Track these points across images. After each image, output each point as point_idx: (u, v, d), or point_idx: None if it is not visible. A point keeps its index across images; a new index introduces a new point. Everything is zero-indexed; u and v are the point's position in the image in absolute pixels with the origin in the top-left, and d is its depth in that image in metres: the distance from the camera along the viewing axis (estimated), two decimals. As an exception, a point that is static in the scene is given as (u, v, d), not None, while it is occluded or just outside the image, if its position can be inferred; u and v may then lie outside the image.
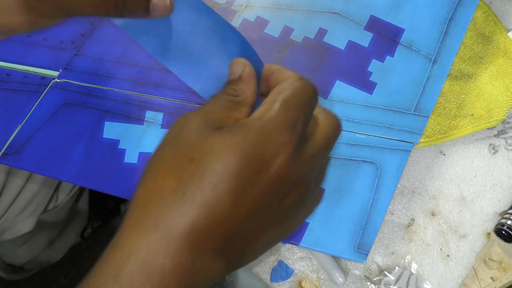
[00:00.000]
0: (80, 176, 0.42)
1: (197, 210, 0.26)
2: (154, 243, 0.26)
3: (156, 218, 0.26)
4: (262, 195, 0.27)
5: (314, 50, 0.47)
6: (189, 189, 0.26)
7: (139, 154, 0.43)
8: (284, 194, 0.28)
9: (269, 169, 0.27)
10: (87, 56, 0.47)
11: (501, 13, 0.50)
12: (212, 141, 0.27)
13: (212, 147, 0.27)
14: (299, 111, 0.29)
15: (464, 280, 0.45)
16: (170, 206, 0.26)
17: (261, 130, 0.28)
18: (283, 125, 0.28)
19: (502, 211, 0.46)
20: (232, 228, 0.27)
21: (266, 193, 0.27)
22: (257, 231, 0.28)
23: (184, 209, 0.26)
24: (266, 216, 0.28)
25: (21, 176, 0.62)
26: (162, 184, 0.27)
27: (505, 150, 0.47)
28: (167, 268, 0.25)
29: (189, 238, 0.26)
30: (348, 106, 0.45)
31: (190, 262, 0.26)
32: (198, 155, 0.27)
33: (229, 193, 0.26)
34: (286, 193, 0.28)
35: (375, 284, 0.45)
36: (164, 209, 0.26)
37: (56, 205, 0.70)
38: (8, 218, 0.63)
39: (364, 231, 0.41)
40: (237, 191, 0.26)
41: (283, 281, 0.46)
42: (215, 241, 0.26)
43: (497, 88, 0.47)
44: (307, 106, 0.30)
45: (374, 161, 0.43)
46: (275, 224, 0.29)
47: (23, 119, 0.44)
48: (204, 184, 0.26)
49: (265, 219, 0.28)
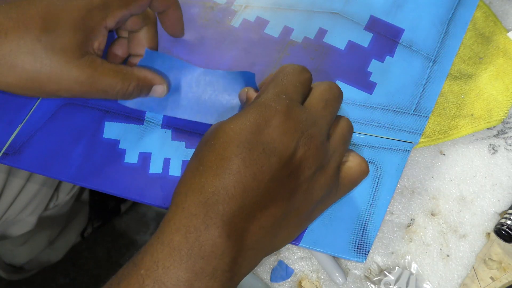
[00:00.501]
0: (80, 176, 0.42)
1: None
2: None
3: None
4: (267, 159, 0.31)
5: (314, 50, 0.47)
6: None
7: (139, 154, 0.43)
8: (293, 150, 0.32)
9: (266, 130, 0.32)
10: None
11: (501, 13, 0.50)
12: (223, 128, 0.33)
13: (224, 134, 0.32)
14: (285, 84, 0.35)
15: (464, 280, 0.45)
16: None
17: (257, 105, 0.33)
18: (272, 95, 0.34)
19: (502, 211, 0.46)
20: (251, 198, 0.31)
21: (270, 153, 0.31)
22: (276, 201, 0.32)
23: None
24: (277, 181, 0.32)
25: (21, 176, 0.62)
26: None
27: (505, 150, 0.47)
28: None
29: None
30: (348, 106, 0.45)
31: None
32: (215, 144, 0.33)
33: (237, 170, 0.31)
34: (294, 150, 0.32)
35: (375, 284, 0.45)
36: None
37: (56, 204, 0.70)
38: (9, 218, 0.64)
39: (364, 231, 0.41)
40: (244, 163, 0.31)
41: (283, 281, 0.46)
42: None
43: (497, 88, 0.47)
44: (293, 80, 0.36)
45: (374, 161, 0.43)
46: (290, 196, 0.33)
47: (23, 119, 0.44)
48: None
49: (277, 185, 0.32)
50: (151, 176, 0.42)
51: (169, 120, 0.44)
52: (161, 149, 0.43)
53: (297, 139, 0.32)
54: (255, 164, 0.31)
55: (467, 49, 0.49)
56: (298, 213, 0.33)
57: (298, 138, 0.32)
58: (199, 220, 0.30)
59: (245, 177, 0.30)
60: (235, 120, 0.32)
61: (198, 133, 0.44)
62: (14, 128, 0.44)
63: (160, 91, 0.41)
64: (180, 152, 0.43)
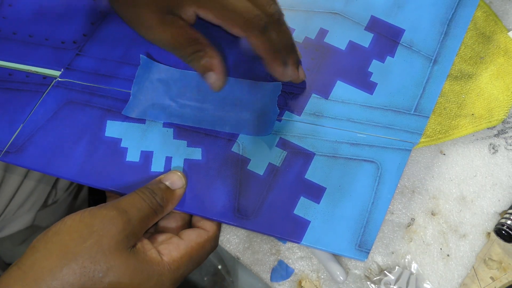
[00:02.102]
0: (82, 175, 0.42)
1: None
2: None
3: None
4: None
5: (314, 51, 0.47)
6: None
7: (141, 153, 0.43)
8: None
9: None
10: (89, 56, 0.47)
11: (502, 12, 0.51)
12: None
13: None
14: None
15: (464, 280, 0.45)
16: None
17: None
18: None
19: (502, 210, 0.46)
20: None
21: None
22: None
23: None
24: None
25: (19, 172, 0.62)
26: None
27: (505, 149, 0.47)
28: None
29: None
30: (349, 106, 0.45)
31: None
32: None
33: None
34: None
35: (375, 284, 0.45)
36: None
37: (54, 200, 0.70)
38: (7, 215, 0.63)
39: (365, 229, 0.41)
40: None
41: (283, 280, 0.46)
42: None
43: (497, 88, 0.47)
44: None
45: (375, 160, 0.43)
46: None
47: (25, 118, 0.44)
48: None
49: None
50: (153, 174, 0.42)
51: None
52: (163, 148, 0.43)
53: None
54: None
55: (468, 48, 0.49)
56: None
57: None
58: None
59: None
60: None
61: (200, 132, 0.44)
62: (16, 126, 0.44)
63: (213, 79, 0.42)
64: (182, 151, 0.43)
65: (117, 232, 0.36)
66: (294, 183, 0.43)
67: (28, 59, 0.46)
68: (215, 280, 0.74)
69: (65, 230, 0.36)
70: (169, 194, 0.40)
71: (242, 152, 0.44)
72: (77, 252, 0.35)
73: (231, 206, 0.42)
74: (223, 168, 0.43)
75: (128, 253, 0.36)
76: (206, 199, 0.42)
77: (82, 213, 0.37)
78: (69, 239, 0.35)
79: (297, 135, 0.44)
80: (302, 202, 0.42)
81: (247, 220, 0.41)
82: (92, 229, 0.36)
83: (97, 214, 0.36)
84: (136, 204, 0.38)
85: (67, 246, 0.35)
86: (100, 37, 0.47)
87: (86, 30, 0.48)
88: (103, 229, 0.36)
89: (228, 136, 0.44)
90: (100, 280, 0.35)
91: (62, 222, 0.36)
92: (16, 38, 0.47)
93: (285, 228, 0.41)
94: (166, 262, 0.37)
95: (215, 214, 0.42)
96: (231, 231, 0.48)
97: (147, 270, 0.36)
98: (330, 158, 0.44)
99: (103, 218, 0.36)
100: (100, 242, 0.35)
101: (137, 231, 0.37)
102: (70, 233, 0.35)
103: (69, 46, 0.47)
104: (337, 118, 0.45)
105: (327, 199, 0.42)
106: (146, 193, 0.39)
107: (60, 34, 0.48)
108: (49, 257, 0.35)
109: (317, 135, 0.44)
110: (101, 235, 0.35)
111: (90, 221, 0.36)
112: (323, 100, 0.45)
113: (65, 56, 0.47)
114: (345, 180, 0.43)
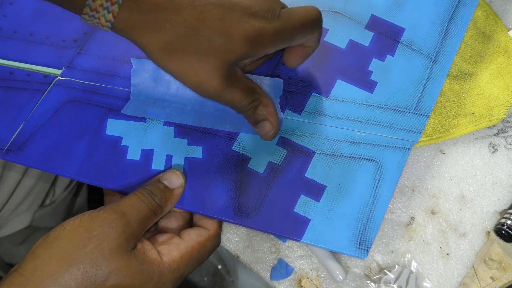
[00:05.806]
0: (82, 173, 0.43)
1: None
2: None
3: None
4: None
5: (315, 49, 0.47)
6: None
7: (142, 151, 0.43)
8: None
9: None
10: (90, 55, 0.47)
11: (502, 12, 0.51)
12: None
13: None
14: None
15: (463, 280, 0.45)
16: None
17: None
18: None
19: (502, 209, 0.46)
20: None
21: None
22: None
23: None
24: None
25: (17, 170, 0.62)
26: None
27: (505, 149, 0.47)
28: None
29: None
30: (349, 105, 0.45)
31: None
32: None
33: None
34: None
35: (375, 282, 0.45)
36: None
37: (53, 200, 0.70)
38: (5, 214, 0.63)
39: (365, 227, 0.42)
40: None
41: (283, 279, 0.46)
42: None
43: (497, 87, 0.47)
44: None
45: (375, 158, 0.44)
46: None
47: (26, 116, 0.44)
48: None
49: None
50: (154, 172, 0.43)
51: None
52: (164, 146, 0.43)
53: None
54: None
55: (468, 47, 0.49)
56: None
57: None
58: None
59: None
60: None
61: (200, 130, 0.44)
62: (17, 125, 0.44)
63: (267, 129, 0.41)
64: (182, 149, 0.43)
65: (117, 235, 0.36)
66: (294, 182, 0.43)
67: (29, 57, 0.47)
68: (215, 280, 0.74)
69: (65, 235, 0.36)
70: (168, 194, 0.40)
71: (242, 151, 0.44)
72: (78, 257, 0.35)
73: (231, 204, 0.42)
74: (224, 166, 0.43)
75: (129, 255, 0.36)
76: (207, 197, 0.42)
77: (81, 218, 0.37)
78: (69, 244, 0.35)
79: (297, 134, 0.44)
80: (302, 200, 0.42)
81: (248, 218, 0.42)
82: (92, 234, 0.36)
83: (96, 218, 0.36)
84: (135, 206, 0.38)
85: (67, 252, 0.35)
86: (101, 36, 0.48)
87: (86, 28, 0.48)
88: (103, 233, 0.36)
89: (229, 135, 0.44)
90: (102, 284, 0.35)
91: (61, 227, 0.36)
92: (17, 37, 0.47)
93: (285, 226, 0.41)
94: (166, 262, 0.38)
95: (215, 212, 0.42)
96: (231, 229, 0.48)
97: (148, 271, 0.36)
98: (330, 157, 0.44)
99: (102, 222, 0.36)
100: (100, 246, 0.35)
101: (136, 233, 0.37)
102: (70, 238, 0.36)
103: (69, 45, 0.47)
104: (337, 117, 0.45)
105: (327, 197, 0.42)
106: (144, 194, 0.39)
107: (60, 32, 0.48)
108: (50, 263, 0.35)
109: (317, 134, 0.44)
110: (101, 239, 0.35)
111: (89, 226, 0.36)
112: (323, 99, 0.45)
113: (66, 54, 0.47)
114: (345, 179, 0.43)
